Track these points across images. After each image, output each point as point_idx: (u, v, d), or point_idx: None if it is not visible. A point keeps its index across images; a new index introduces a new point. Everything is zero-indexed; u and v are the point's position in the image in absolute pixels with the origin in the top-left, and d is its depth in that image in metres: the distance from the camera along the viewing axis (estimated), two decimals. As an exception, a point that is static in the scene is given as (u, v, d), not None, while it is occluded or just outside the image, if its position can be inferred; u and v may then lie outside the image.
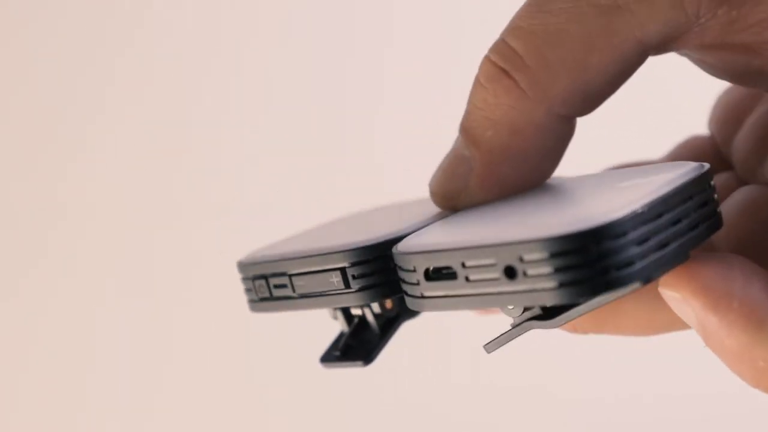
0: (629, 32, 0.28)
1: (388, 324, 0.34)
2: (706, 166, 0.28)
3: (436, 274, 0.27)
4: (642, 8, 0.28)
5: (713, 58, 0.29)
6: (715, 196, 0.28)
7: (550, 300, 0.25)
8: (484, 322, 0.32)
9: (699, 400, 0.75)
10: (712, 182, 0.28)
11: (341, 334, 0.34)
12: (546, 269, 0.25)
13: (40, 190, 0.84)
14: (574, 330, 0.32)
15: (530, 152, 0.30)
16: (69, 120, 0.84)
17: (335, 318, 0.35)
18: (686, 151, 0.36)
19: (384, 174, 0.81)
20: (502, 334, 0.30)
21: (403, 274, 0.29)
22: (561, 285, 0.25)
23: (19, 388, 0.84)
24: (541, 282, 0.25)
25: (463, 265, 0.26)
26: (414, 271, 0.28)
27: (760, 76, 0.29)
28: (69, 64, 0.84)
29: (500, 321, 0.32)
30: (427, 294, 0.28)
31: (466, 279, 0.26)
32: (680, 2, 0.27)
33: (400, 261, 0.28)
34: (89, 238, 0.84)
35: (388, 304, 0.33)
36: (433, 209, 0.33)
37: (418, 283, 0.28)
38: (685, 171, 0.28)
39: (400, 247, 0.29)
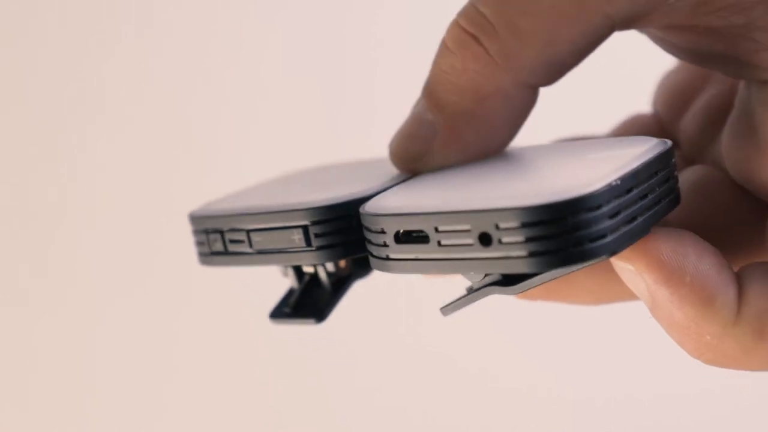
0: (599, 6, 0.28)
1: (340, 282, 0.34)
2: (669, 142, 0.29)
3: (406, 237, 0.28)
4: None
5: (677, 39, 0.30)
6: (676, 173, 0.29)
7: (523, 268, 0.26)
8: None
9: (698, 398, 0.77)
10: (674, 159, 0.29)
11: (291, 291, 0.34)
12: (521, 237, 0.25)
13: (44, 191, 0.82)
14: (524, 297, 0.33)
15: (494, 119, 0.31)
16: (69, 120, 0.82)
17: (285, 275, 0.35)
18: (631, 128, 0.37)
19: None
20: (460, 298, 0.30)
21: (370, 236, 0.29)
22: (534, 254, 0.25)
23: (26, 388, 0.82)
24: (515, 250, 0.25)
25: (436, 230, 0.27)
26: (383, 233, 0.28)
27: (722, 60, 0.30)
28: (70, 65, 0.82)
29: (454, 285, 0.33)
30: (395, 256, 0.28)
31: (438, 243, 0.27)
32: None
33: (368, 222, 0.28)
34: (92, 237, 0.82)
35: (342, 263, 0.34)
36: (393, 170, 0.33)
37: (386, 245, 0.28)
38: (650, 146, 0.28)
39: (369, 208, 0.29)
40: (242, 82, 0.84)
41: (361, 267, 0.34)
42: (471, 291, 0.30)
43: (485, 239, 0.26)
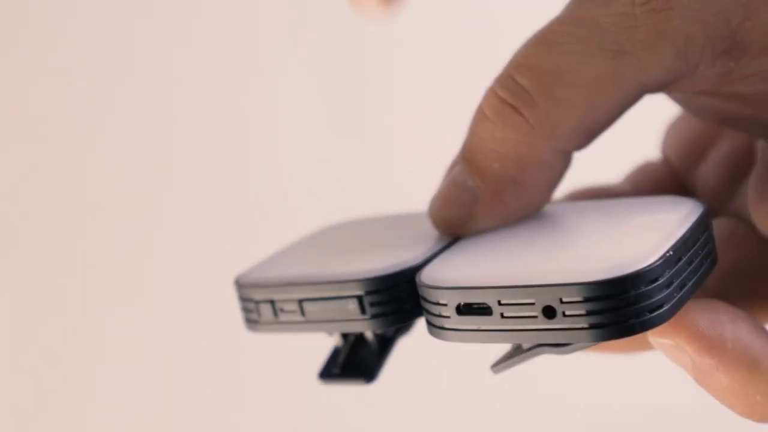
0: (634, 77, 0.30)
1: (385, 341, 0.35)
2: (705, 205, 0.30)
3: (468, 309, 0.29)
4: (648, 55, 0.29)
5: (704, 103, 0.32)
6: (713, 234, 0.31)
7: (586, 339, 0.27)
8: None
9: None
10: (710, 221, 0.30)
11: (336, 350, 0.36)
12: (584, 310, 0.27)
13: (58, 192, 0.81)
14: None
15: (534, 184, 0.32)
16: (78, 124, 0.81)
17: (330, 335, 0.36)
18: (644, 177, 0.39)
19: (387, 177, 0.82)
20: (511, 357, 0.32)
21: (428, 306, 0.30)
22: (597, 326, 0.27)
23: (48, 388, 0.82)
24: (578, 322, 0.27)
25: (499, 303, 0.28)
26: (444, 305, 0.29)
27: (747, 123, 0.31)
28: (73, 68, 0.81)
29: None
30: (455, 327, 0.29)
31: (501, 315, 0.28)
32: (683, 53, 0.29)
33: (427, 294, 0.30)
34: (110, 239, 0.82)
35: (388, 324, 0.35)
36: (432, 229, 0.34)
37: (448, 317, 0.29)
38: (689, 209, 0.30)
39: (427, 279, 0.30)
40: (253, 79, 0.84)
41: (404, 326, 0.35)
42: (521, 350, 0.31)
43: (549, 312, 0.27)
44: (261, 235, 0.79)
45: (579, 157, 0.33)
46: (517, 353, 0.32)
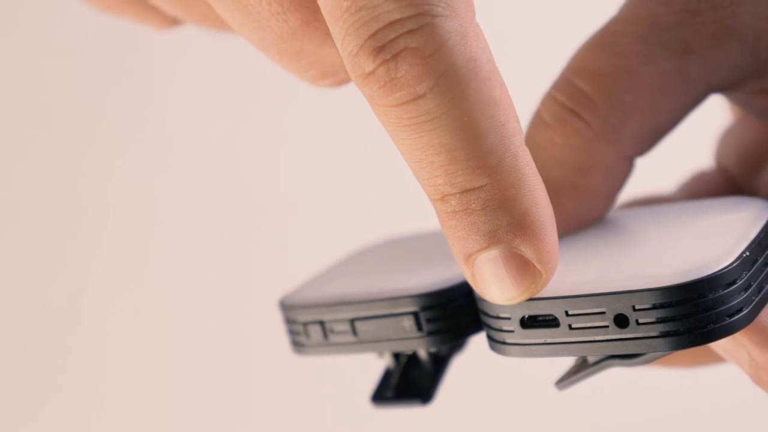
0: (701, 76, 0.29)
1: (439, 360, 0.34)
2: None
3: (533, 321, 0.28)
4: (714, 54, 0.28)
5: (766, 102, 0.31)
6: None
7: (662, 348, 0.26)
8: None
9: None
10: None
11: (388, 372, 0.34)
12: (659, 317, 0.25)
13: (57, 193, 0.81)
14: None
15: (596, 191, 0.31)
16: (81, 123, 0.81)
17: (381, 356, 0.34)
18: (700, 187, 0.37)
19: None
20: (577, 372, 0.30)
21: (489, 320, 0.29)
22: (674, 333, 0.25)
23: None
24: (654, 330, 0.26)
25: (567, 314, 0.27)
26: (507, 318, 0.28)
27: None
28: (73, 68, 0.81)
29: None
30: (519, 341, 0.28)
31: (569, 327, 0.27)
32: (752, 49, 0.28)
33: (488, 308, 0.28)
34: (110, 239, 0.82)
35: (443, 342, 0.33)
36: None
37: (512, 331, 0.28)
38: (758, 209, 0.29)
39: None
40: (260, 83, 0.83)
41: (460, 342, 0.34)
42: (587, 365, 0.30)
43: (621, 321, 0.26)
44: (262, 236, 0.79)
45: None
46: (583, 368, 0.30)
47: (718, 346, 0.29)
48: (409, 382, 0.34)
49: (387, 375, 0.34)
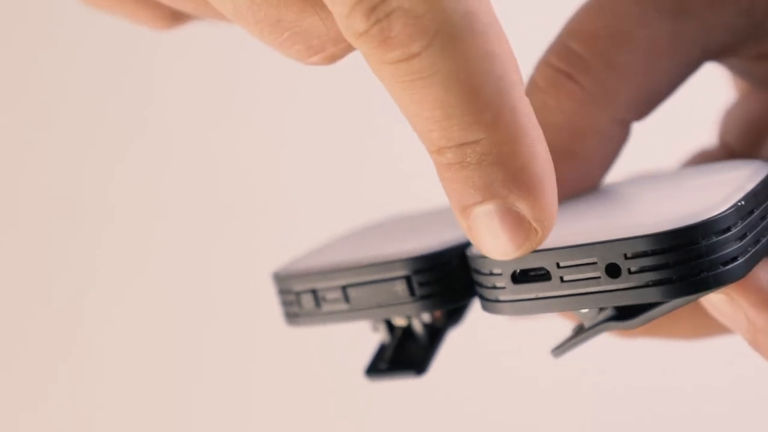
0: (696, 38, 0.28)
1: (435, 333, 0.33)
2: None
3: (524, 276, 0.27)
4: (710, 14, 0.28)
5: (764, 68, 0.30)
6: None
7: (656, 297, 0.25)
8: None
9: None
10: None
11: (383, 346, 0.34)
12: (652, 265, 0.25)
13: (57, 192, 0.81)
14: (626, 335, 0.32)
15: (591, 156, 0.30)
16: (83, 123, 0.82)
17: (375, 330, 0.34)
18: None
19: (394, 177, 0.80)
20: (571, 338, 0.30)
21: (480, 278, 0.28)
22: (667, 281, 0.25)
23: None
24: (646, 278, 0.25)
25: (558, 266, 0.26)
26: (498, 274, 0.27)
27: None
28: (73, 68, 0.82)
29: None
30: (511, 297, 0.27)
31: (561, 279, 0.26)
32: (748, 10, 0.28)
33: (479, 264, 0.28)
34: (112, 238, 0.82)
35: (438, 313, 0.33)
36: None
37: (503, 287, 0.27)
38: (757, 167, 0.28)
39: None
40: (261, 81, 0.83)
41: (453, 315, 0.33)
42: (583, 329, 0.29)
43: (613, 270, 0.25)
44: (262, 236, 0.79)
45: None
46: (578, 333, 0.29)
47: (716, 309, 0.28)
48: (404, 355, 0.33)
49: (382, 349, 0.34)
